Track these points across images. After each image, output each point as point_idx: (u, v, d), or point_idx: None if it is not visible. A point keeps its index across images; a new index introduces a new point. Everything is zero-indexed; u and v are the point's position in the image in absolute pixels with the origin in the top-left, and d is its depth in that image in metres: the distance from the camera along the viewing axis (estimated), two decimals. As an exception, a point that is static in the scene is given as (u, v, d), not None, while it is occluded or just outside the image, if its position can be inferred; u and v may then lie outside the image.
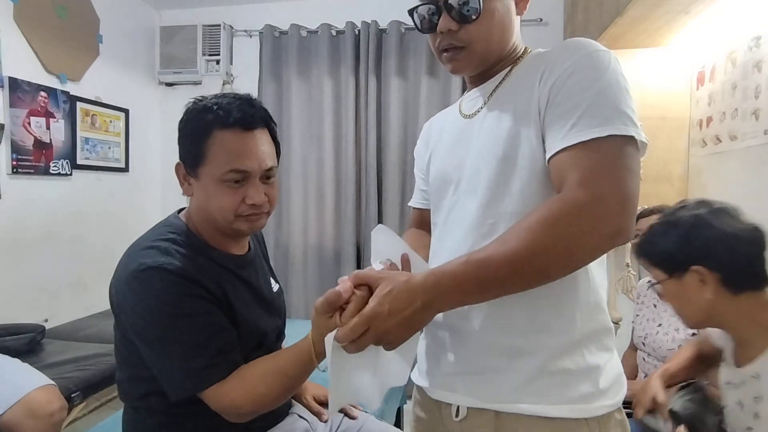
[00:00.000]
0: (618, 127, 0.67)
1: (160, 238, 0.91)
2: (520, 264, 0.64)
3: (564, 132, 0.69)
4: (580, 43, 0.74)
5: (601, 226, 0.64)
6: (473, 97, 0.87)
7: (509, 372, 0.75)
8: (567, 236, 0.64)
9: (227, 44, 3.06)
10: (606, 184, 0.65)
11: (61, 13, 2.44)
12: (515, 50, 0.84)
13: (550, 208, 0.65)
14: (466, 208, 0.81)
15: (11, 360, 1.61)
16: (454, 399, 0.80)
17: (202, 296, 0.87)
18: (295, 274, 2.93)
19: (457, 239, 0.81)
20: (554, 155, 0.70)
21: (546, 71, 0.74)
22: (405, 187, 2.87)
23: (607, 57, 0.72)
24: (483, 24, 0.77)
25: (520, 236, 0.64)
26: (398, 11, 2.82)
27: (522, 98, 0.76)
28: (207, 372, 0.85)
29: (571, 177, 0.66)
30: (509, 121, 0.76)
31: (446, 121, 0.94)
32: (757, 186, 1.61)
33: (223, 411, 0.86)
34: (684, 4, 1.69)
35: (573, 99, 0.69)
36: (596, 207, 0.64)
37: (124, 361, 0.96)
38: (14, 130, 2.20)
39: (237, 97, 0.93)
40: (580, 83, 0.70)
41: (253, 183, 0.91)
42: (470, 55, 0.80)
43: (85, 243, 2.63)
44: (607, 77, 0.70)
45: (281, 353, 0.90)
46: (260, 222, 0.96)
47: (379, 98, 2.86)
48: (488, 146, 0.78)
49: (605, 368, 0.75)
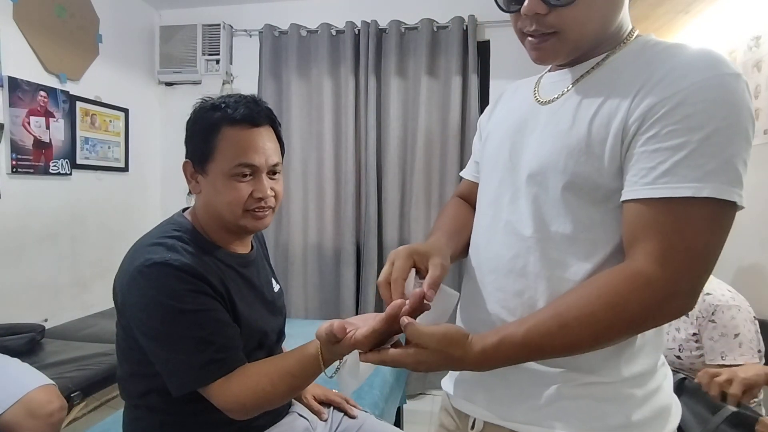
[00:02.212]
0: (720, 188, 0.56)
1: (166, 235, 0.92)
2: (580, 348, 0.62)
3: (652, 176, 0.58)
4: (706, 61, 0.59)
5: (668, 307, 0.59)
6: (555, 80, 0.73)
7: (531, 393, 0.69)
8: (632, 319, 0.59)
9: (227, 44, 3.06)
10: (685, 263, 0.57)
11: (61, 12, 2.44)
12: (620, 32, 0.69)
13: (618, 285, 0.59)
14: (511, 206, 0.72)
15: (11, 360, 1.61)
16: (472, 410, 0.77)
17: (207, 293, 0.88)
18: (295, 273, 2.93)
19: (497, 239, 0.74)
20: (632, 201, 0.60)
21: (649, 83, 0.60)
22: (405, 187, 2.87)
23: (736, 86, 0.57)
24: (581, 8, 0.62)
25: (582, 320, 0.59)
26: (398, 11, 2.82)
27: (609, 104, 0.63)
28: (211, 367, 0.85)
29: (646, 243, 0.58)
30: (582, 128, 0.64)
31: (518, 97, 0.82)
32: (757, 186, 1.61)
33: (227, 407, 0.86)
34: (684, 4, 1.70)
35: (674, 137, 0.57)
36: (669, 286, 0.57)
37: (125, 358, 0.96)
38: (14, 129, 2.20)
39: (243, 96, 0.97)
40: (689, 119, 0.56)
41: (260, 178, 0.94)
42: (560, 43, 0.66)
43: (85, 243, 2.63)
44: (728, 115, 0.56)
45: (288, 355, 0.90)
46: (266, 219, 0.98)
47: (379, 98, 2.86)
48: (551, 149, 0.67)
49: (645, 398, 0.67)
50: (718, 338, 1.34)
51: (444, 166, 2.79)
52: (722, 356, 1.33)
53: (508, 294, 0.71)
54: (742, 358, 1.31)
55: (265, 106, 0.98)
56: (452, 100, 2.75)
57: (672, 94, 0.58)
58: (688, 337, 1.40)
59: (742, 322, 1.33)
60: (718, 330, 1.34)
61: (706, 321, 1.36)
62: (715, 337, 1.34)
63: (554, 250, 0.67)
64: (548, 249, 0.67)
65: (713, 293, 1.38)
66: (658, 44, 0.65)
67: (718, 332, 1.34)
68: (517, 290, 0.70)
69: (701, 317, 1.38)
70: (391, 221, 2.83)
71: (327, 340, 0.75)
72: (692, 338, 1.40)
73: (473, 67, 2.74)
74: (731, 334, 1.32)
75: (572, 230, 0.65)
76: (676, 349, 1.43)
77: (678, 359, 1.43)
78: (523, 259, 0.69)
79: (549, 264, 0.67)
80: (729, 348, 1.32)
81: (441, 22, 2.77)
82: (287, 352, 0.92)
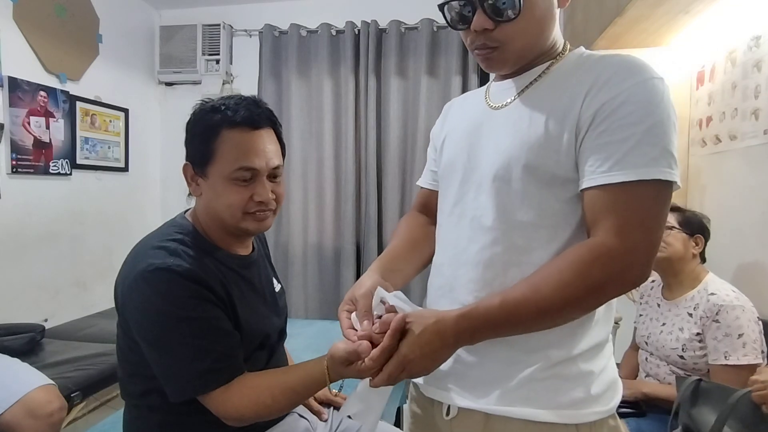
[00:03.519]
0: (663, 170, 0.65)
1: (168, 239, 0.91)
2: (551, 312, 0.67)
3: (607, 166, 0.67)
4: (637, 67, 0.69)
5: (628, 274, 0.66)
6: (504, 88, 0.81)
7: (501, 376, 0.74)
8: (596, 285, 0.66)
9: (227, 44, 3.06)
10: (640, 234, 0.65)
11: (61, 12, 2.44)
12: (555, 46, 0.79)
13: (582, 255, 0.66)
14: (475, 203, 0.78)
15: (11, 360, 1.61)
16: (444, 397, 0.80)
17: (209, 300, 0.87)
18: (295, 273, 2.93)
19: (464, 235, 0.79)
20: (591, 188, 0.68)
21: (594, 88, 0.69)
22: (405, 187, 2.87)
23: (662, 88, 0.68)
24: (521, 22, 0.71)
25: (552, 284, 0.66)
26: (398, 11, 2.82)
27: (560, 105, 0.71)
28: (209, 376, 0.85)
29: (606, 221, 0.66)
30: (539, 126, 0.72)
31: (469, 105, 0.89)
32: (756, 186, 1.61)
33: (225, 416, 0.86)
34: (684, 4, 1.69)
35: (621, 131, 0.66)
36: (627, 256, 0.65)
37: (125, 359, 0.96)
38: (14, 129, 2.20)
39: (243, 98, 0.95)
40: (632, 115, 0.66)
41: (260, 181, 0.93)
42: (505, 54, 0.75)
43: (85, 243, 2.63)
44: (660, 112, 0.67)
45: (291, 370, 0.90)
46: (267, 222, 0.97)
47: (379, 98, 2.86)
48: (511, 146, 0.74)
49: (599, 374, 0.75)
50: (722, 338, 1.34)
51: (444, 166, 2.79)
52: (726, 356, 1.33)
53: (480, 284, 0.76)
54: (746, 358, 1.31)
55: (265, 108, 0.96)
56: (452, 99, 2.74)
57: (617, 94, 0.67)
58: (692, 337, 1.40)
59: (746, 322, 1.33)
60: (722, 330, 1.34)
61: (710, 321, 1.36)
62: (719, 337, 1.34)
63: (519, 237, 0.73)
64: (514, 237, 0.74)
65: (717, 293, 1.38)
66: (592, 55, 0.77)
67: (722, 332, 1.33)
68: (487, 279, 0.75)
69: (705, 317, 1.38)
70: (391, 221, 2.83)
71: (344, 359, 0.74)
72: (696, 338, 1.39)
73: (473, 67, 2.74)
74: (735, 334, 1.32)
75: (534, 218, 0.72)
76: (679, 348, 1.42)
77: (681, 359, 1.42)
78: (490, 250, 0.75)
79: (515, 251, 0.74)
80: (733, 348, 1.32)
81: (441, 22, 2.77)
82: (291, 367, 0.91)
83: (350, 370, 0.74)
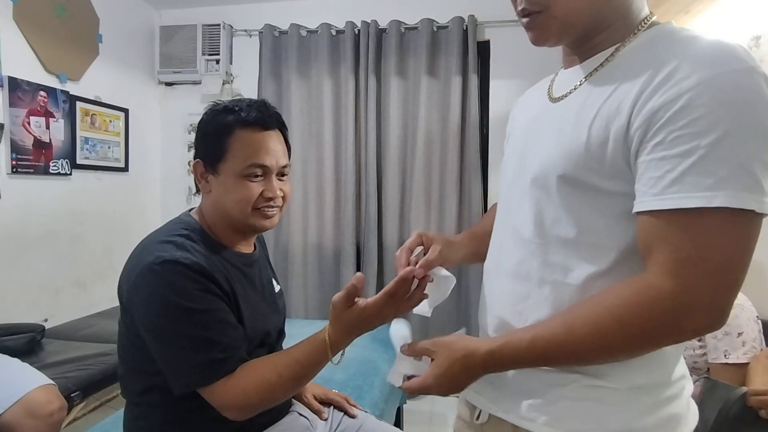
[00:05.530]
0: (734, 195, 0.51)
1: (174, 234, 0.93)
2: (588, 358, 0.61)
3: (660, 186, 0.54)
4: (714, 55, 0.53)
5: (684, 321, 0.54)
6: (568, 76, 0.70)
7: (535, 392, 0.69)
8: (640, 335, 0.56)
9: (227, 44, 3.06)
10: (700, 276, 0.53)
11: (61, 12, 2.44)
12: (627, 16, 0.64)
13: (624, 297, 0.56)
14: (518, 209, 0.71)
15: (11, 360, 1.61)
16: (479, 402, 0.79)
17: (215, 292, 0.89)
18: (295, 273, 2.93)
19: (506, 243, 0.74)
20: (643, 213, 0.56)
21: (652, 84, 0.55)
22: (405, 187, 2.87)
23: (748, 81, 0.52)
24: None
25: (588, 330, 0.58)
26: (398, 11, 2.82)
27: (608, 105, 0.59)
28: (214, 366, 0.86)
29: (658, 255, 0.55)
30: (583, 130, 0.61)
31: (533, 96, 0.80)
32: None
33: (230, 404, 0.86)
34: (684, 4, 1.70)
35: (682, 143, 0.52)
36: (680, 300, 0.53)
37: (126, 356, 0.97)
38: (14, 129, 2.20)
39: (254, 100, 1.01)
40: (698, 122, 0.51)
41: (270, 178, 0.98)
42: (548, 20, 0.63)
43: (85, 243, 2.63)
44: (739, 116, 0.51)
45: (293, 346, 0.92)
46: (274, 219, 1.01)
47: (379, 98, 2.86)
48: (553, 151, 0.64)
49: (653, 406, 0.64)
50: (721, 337, 1.34)
51: (444, 166, 2.79)
52: (725, 355, 1.33)
53: (514, 298, 0.71)
54: (745, 357, 1.31)
55: (274, 111, 1.02)
56: (452, 100, 2.75)
57: (675, 96, 0.53)
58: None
59: (745, 321, 1.33)
60: (722, 329, 1.34)
61: None
62: (719, 336, 1.34)
63: (556, 254, 0.65)
64: (550, 253, 0.66)
65: None
66: (672, 35, 0.60)
67: (722, 331, 1.34)
68: (523, 294, 0.70)
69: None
70: (391, 221, 2.83)
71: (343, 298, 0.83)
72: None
73: (473, 67, 2.74)
74: (734, 333, 1.32)
75: (575, 234, 0.63)
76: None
77: (679, 358, 1.43)
78: (527, 264, 0.69)
79: (551, 268, 0.66)
80: (732, 347, 1.32)
81: (441, 22, 2.77)
82: (293, 345, 0.92)
83: (352, 313, 0.83)
